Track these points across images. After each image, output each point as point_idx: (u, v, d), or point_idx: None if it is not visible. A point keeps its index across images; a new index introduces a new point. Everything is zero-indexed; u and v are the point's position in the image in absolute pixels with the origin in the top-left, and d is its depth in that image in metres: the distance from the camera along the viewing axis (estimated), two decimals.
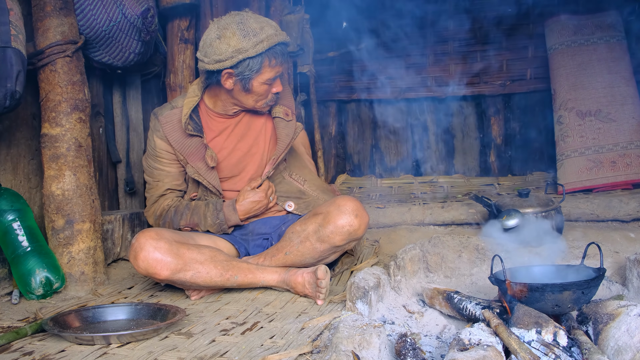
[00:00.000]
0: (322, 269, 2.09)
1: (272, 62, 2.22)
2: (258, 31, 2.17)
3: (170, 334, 1.82)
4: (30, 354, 1.69)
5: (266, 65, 2.21)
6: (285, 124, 2.42)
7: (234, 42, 2.16)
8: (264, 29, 2.19)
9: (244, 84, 2.24)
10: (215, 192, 2.39)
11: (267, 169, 2.38)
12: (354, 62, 4.56)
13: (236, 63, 2.18)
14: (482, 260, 2.23)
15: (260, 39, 2.17)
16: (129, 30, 2.72)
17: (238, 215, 2.36)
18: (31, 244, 2.29)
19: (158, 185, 2.45)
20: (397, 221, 3.31)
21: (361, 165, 4.69)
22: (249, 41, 2.16)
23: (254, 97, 2.30)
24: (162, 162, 2.42)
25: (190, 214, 2.38)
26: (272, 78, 2.26)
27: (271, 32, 2.20)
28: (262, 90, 2.28)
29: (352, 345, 1.42)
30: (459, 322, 1.84)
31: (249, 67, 2.19)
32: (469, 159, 4.52)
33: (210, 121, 2.43)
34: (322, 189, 2.55)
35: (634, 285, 1.94)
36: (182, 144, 2.36)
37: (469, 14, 4.39)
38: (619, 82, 3.66)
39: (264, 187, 2.38)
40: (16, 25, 2.19)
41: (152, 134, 2.42)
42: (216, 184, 2.37)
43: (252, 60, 2.18)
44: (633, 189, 3.47)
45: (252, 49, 2.16)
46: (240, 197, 2.37)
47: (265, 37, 2.17)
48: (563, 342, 1.46)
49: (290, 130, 2.41)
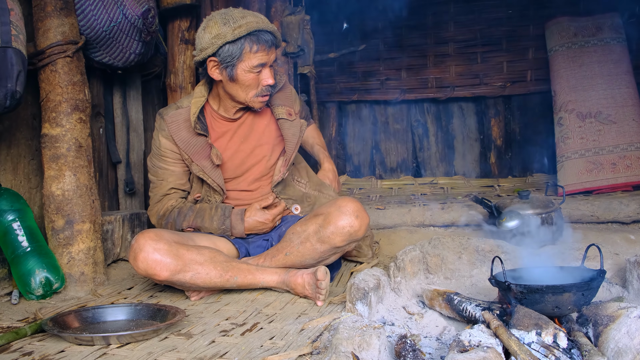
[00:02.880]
0: (322, 270, 2.09)
1: (254, 48, 2.22)
2: (239, 19, 2.22)
3: (170, 334, 1.82)
4: (29, 354, 1.68)
5: (247, 50, 2.22)
6: (289, 124, 2.43)
7: (215, 30, 2.22)
8: (246, 17, 2.23)
9: (229, 72, 2.26)
10: (219, 190, 2.39)
11: (283, 171, 2.41)
12: (354, 63, 4.57)
13: (217, 49, 2.22)
14: (482, 262, 2.23)
15: (239, 24, 2.20)
16: (129, 30, 2.72)
17: (244, 227, 2.38)
18: (31, 244, 2.28)
19: (162, 184, 2.45)
20: (397, 222, 3.31)
21: (361, 167, 4.69)
22: (228, 27, 2.20)
23: (243, 87, 2.30)
24: (167, 162, 2.43)
25: (194, 216, 2.38)
26: (256, 65, 2.25)
27: (252, 19, 2.23)
28: (248, 80, 2.27)
29: (351, 347, 1.42)
30: (458, 323, 1.84)
31: (229, 52, 2.22)
32: (469, 160, 4.52)
33: (214, 122, 2.43)
34: (319, 186, 2.58)
35: (634, 287, 1.94)
36: (188, 143, 2.37)
37: (470, 15, 4.40)
38: (620, 84, 3.66)
39: (274, 212, 2.42)
40: (17, 25, 2.19)
41: (158, 134, 2.43)
42: (220, 183, 2.38)
43: (231, 45, 2.21)
44: (633, 190, 3.47)
45: (230, 33, 2.19)
46: (248, 213, 2.39)
47: (245, 23, 2.21)
48: (563, 344, 1.46)
49: (296, 129, 2.43)
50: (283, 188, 2.47)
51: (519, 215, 2.70)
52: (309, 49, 3.89)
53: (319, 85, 4.40)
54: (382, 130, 4.65)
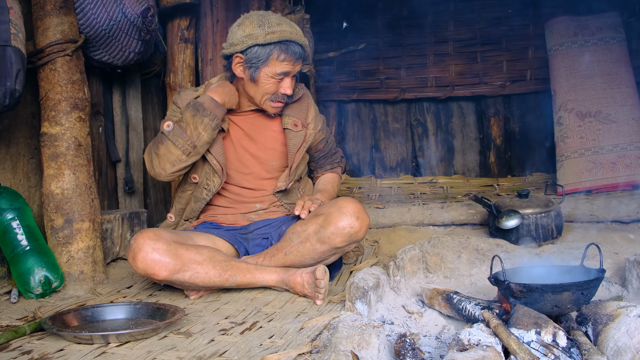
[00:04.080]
0: (321, 269, 2.09)
1: (281, 57, 2.25)
2: (274, 25, 2.25)
3: (169, 333, 1.82)
4: (28, 353, 1.68)
5: (274, 57, 2.24)
6: (293, 134, 2.45)
7: (249, 29, 2.24)
8: (282, 24, 2.26)
9: (252, 72, 2.28)
10: (219, 170, 2.36)
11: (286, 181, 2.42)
12: (353, 62, 4.57)
13: (245, 48, 2.25)
14: (481, 261, 2.23)
15: (273, 30, 2.23)
16: (129, 29, 2.71)
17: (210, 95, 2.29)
18: (30, 243, 2.28)
19: None
20: (397, 221, 3.31)
21: (361, 166, 4.69)
22: (261, 30, 2.23)
23: (261, 90, 2.31)
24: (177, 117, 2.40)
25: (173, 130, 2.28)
26: (280, 73, 2.27)
27: (287, 29, 2.25)
28: (268, 84, 2.29)
29: (351, 345, 1.42)
30: (458, 322, 1.84)
31: (257, 54, 2.24)
32: (468, 159, 4.52)
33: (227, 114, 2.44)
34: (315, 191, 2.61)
35: (633, 287, 1.94)
36: None
37: (470, 14, 4.40)
38: (619, 84, 3.66)
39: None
40: (16, 23, 2.19)
41: (172, 104, 2.47)
42: (221, 160, 2.36)
43: (260, 48, 2.23)
44: (633, 190, 3.47)
45: (262, 37, 2.22)
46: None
47: (279, 30, 2.23)
48: (562, 343, 1.46)
49: (298, 140, 2.44)
50: (285, 194, 2.49)
51: (518, 215, 2.70)
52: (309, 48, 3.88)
53: (318, 84, 4.40)
54: (382, 130, 4.65)
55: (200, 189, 2.42)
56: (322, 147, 2.63)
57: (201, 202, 2.43)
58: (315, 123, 2.55)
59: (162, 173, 2.32)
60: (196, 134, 2.26)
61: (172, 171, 2.31)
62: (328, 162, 2.69)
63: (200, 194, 2.42)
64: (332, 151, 2.69)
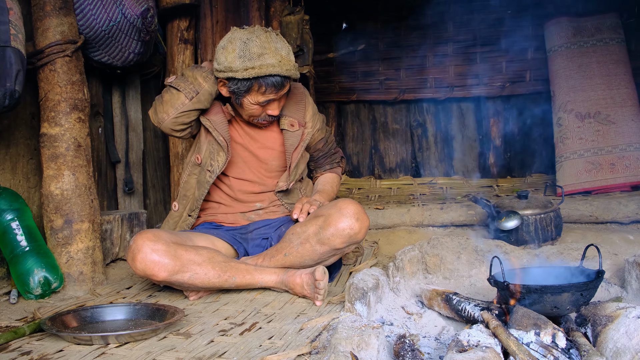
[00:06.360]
0: (320, 270, 2.09)
1: (262, 89, 2.22)
2: (255, 57, 2.16)
3: (169, 334, 1.82)
4: (28, 354, 1.68)
5: (255, 89, 2.22)
6: (290, 134, 2.45)
7: (230, 58, 2.19)
8: (263, 56, 2.16)
9: (236, 97, 2.28)
10: (224, 146, 2.36)
11: (287, 181, 2.43)
12: (353, 63, 4.57)
13: (226, 78, 2.23)
14: (481, 262, 2.23)
15: (252, 64, 2.16)
16: (128, 30, 2.72)
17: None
18: (30, 244, 2.28)
19: None
20: (396, 222, 3.31)
21: (360, 167, 4.69)
22: (240, 63, 2.17)
23: (246, 113, 2.33)
24: None
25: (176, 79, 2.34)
26: (263, 102, 2.26)
27: (270, 61, 2.16)
28: (253, 109, 2.30)
29: (350, 346, 1.42)
30: (457, 323, 1.84)
31: (237, 86, 2.23)
32: (468, 160, 4.53)
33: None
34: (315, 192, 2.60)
35: (632, 287, 1.94)
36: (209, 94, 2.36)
37: (469, 15, 4.40)
38: (619, 84, 3.67)
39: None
40: (16, 24, 2.19)
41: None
42: (226, 137, 2.36)
43: (239, 82, 2.21)
44: (632, 191, 3.48)
45: (240, 72, 2.17)
46: None
47: (259, 65, 2.16)
48: (562, 344, 1.46)
49: (295, 140, 2.45)
50: (286, 194, 2.50)
51: (517, 216, 2.70)
52: (308, 49, 3.88)
53: (318, 85, 4.40)
54: (381, 130, 4.66)
55: (204, 172, 2.41)
56: (322, 147, 2.63)
57: (204, 187, 2.41)
58: (314, 122, 2.54)
59: (165, 118, 2.33)
60: (197, 83, 2.30)
61: (174, 115, 2.31)
62: (328, 162, 2.68)
63: (203, 177, 2.41)
64: (331, 151, 2.69)
